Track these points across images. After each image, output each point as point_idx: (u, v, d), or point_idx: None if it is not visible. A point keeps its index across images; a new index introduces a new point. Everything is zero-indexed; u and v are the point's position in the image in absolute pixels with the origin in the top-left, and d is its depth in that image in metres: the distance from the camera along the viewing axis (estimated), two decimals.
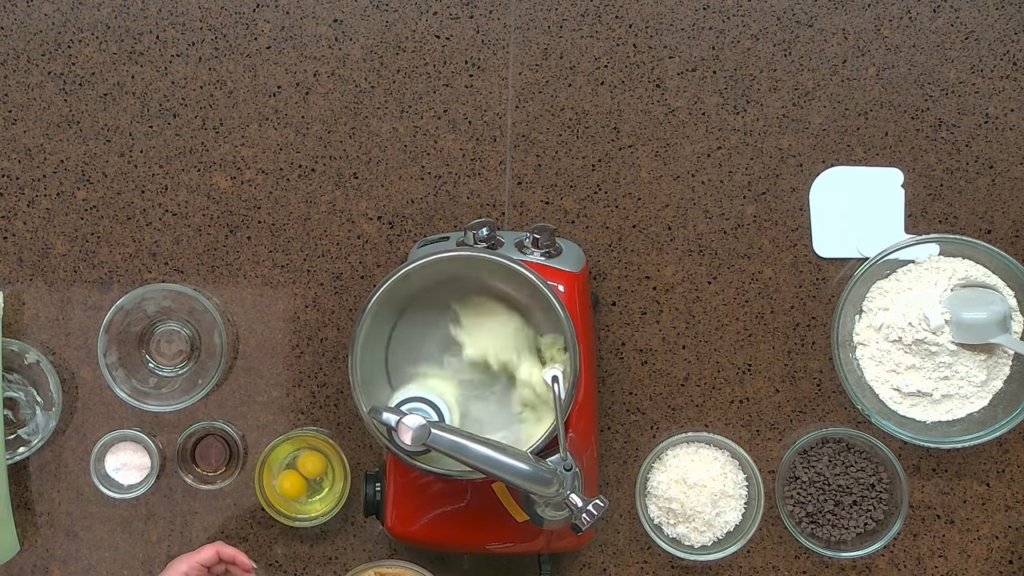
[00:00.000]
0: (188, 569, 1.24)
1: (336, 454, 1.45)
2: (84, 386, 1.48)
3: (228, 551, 1.26)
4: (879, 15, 1.49)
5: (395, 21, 1.49)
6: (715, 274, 1.49)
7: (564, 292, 1.32)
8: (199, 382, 1.45)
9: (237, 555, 1.26)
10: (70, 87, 1.49)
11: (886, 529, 1.44)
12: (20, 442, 1.47)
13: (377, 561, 1.39)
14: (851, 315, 1.45)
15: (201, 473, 1.48)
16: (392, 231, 1.49)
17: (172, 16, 1.49)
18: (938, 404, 1.43)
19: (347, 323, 1.49)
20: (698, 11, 1.49)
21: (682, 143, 1.49)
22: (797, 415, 1.49)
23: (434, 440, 1.19)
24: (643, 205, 1.49)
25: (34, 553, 1.48)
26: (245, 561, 1.27)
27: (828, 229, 1.49)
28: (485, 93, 1.49)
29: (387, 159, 1.49)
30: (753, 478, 1.45)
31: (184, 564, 1.24)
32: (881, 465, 1.45)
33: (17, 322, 1.48)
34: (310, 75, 1.49)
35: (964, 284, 1.43)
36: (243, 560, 1.27)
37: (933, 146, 1.49)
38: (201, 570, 1.25)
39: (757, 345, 1.49)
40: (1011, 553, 1.48)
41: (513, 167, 1.49)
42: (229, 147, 1.49)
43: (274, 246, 1.49)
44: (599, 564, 1.48)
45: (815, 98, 1.49)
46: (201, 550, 1.25)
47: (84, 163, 1.49)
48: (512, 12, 1.49)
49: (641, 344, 1.49)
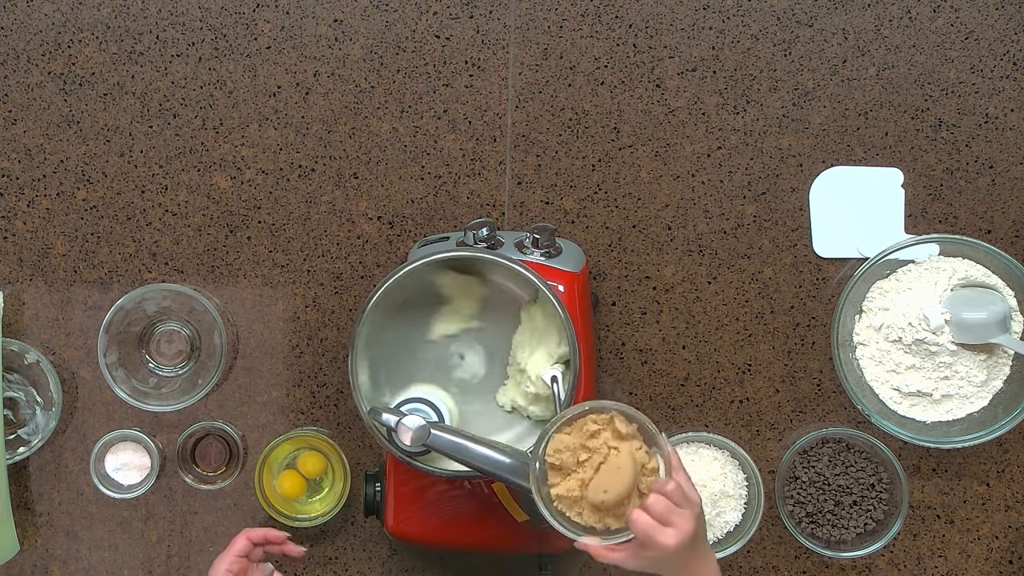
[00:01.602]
0: (229, 566, 1.23)
1: (336, 454, 1.45)
2: (84, 386, 1.48)
3: (257, 533, 1.25)
4: (879, 15, 1.49)
5: (395, 21, 1.49)
6: (715, 274, 1.49)
7: (564, 292, 1.32)
8: (199, 382, 1.45)
9: (268, 532, 1.25)
10: (70, 87, 1.49)
11: (886, 529, 1.44)
12: (20, 442, 1.47)
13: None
14: (851, 315, 1.45)
15: (201, 473, 1.48)
16: (392, 231, 1.49)
17: (172, 16, 1.49)
18: (938, 404, 1.43)
19: (347, 323, 1.49)
20: (698, 11, 1.49)
21: (682, 143, 1.49)
22: (797, 415, 1.49)
23: (434, 440, 1.19)
24: (643, 205, 1.49)
25: (34, 553, 1.48)
26: (277, 534, 1.26)
27: (828, 229, 1.49)
28: (485, 93, 1.49)
29: (387, 159, 1.49)
30: (753, 478, 1.45)
31: (224, 563, 1.23)
32: (881, 465, 1.45)
33: (17, 322, 1.48)
34: (310, 75, 1.49)
35: (964, 284, 1.43)
36: (275, 534, 1.25)
37: (933, 146, 1.49)
38: (241, 561, 1.24)
39: (757, 345, 1.49)
40: (1011, 553, 1.48)
41: (513, 167, 1.49)
42: (229, 147, 1.49)
43: (274, 246, 1.49)
44: (599, 564, 1.48)
45: (815, 98, 1.49)
46: (233, 543, 1.24)
47: (84, 163, 1.49)
48: (512, 12, 1.49)
49: (641, 344, 1.49)
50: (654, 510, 1.13)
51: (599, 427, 1.16)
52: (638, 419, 1.16)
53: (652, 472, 1.16)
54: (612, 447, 1.15)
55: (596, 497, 1.14)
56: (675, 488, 1.13)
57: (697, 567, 1.17)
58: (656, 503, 1.13)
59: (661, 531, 1.12)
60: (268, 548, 1.26)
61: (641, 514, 1.13)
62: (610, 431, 1.16)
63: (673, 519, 1.12)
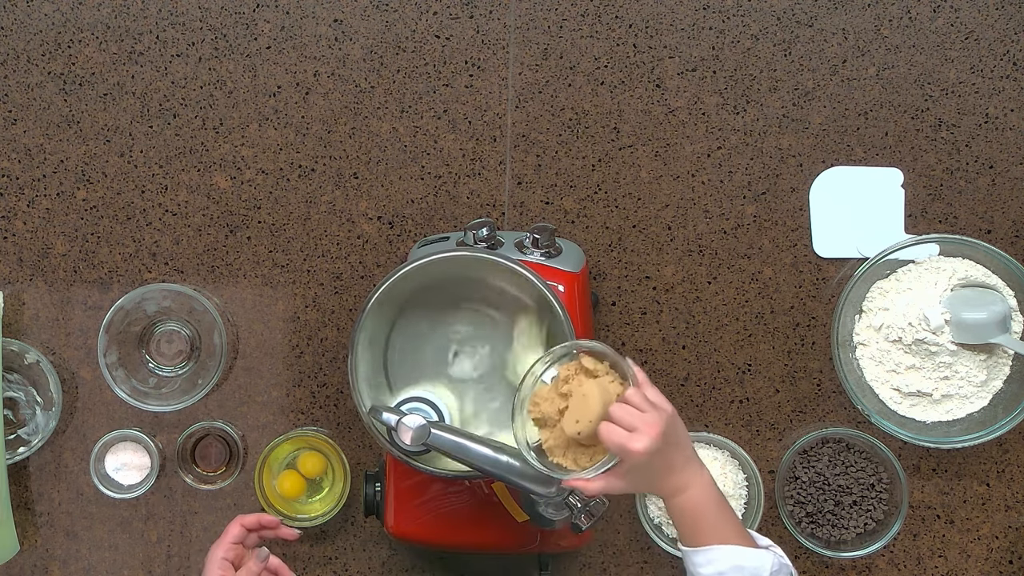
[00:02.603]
0: (224, 553, 1.23)
1: (336, 454, 1.45)
2: (84, 386, 1.48)
3: (250, 519, 1.26)
4: (879, 15, 1.49)
5: (395, 21, 1.49)
6: (715, 274, 1.49)
7: (564, 292, 1.32)
8: (199, 382, 1.45)
9: (261, 517, 1.26)
10: (70, 87, 1.49)
11: (886, 529, 1.44)
12: (20, 442, 1.47)
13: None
14: (851, 315, 1.45)
15: (201, 473, 1.48)
16: (392, 231, 1.49)
17: (172, 16, 1.49)
18: (938, 404, 1.43)
19: (347, 323, 1.49)
20: (698, 11, 1.49)
21: (682, 143, 1.49)
22: (797, 415, 1.49)
23: (434, 440, 1.19)
24: (643, 205, 1.49)
25: (34, 553, 1.48)
26: (271, 519, 1.26)
27: (828, 229, 1.49)
28: (485, 93, 1.49)
29: (387, 159, 1.49)
30: (753, 478, 1.45)
31: (219, 550, 1.23)
32: (881, 465, 1.45)
33: (17, 322, 1.48)
34: (310, 75, 1.49)
35: (964, 284, 1.43)
36: (268, 519, 1.26)
37: (933, 146, 1.49)
38: (237, 548, 1.25)
39: (757, 345, 1.49)
40: (1011, 553, 1.48)
41: (513, 167, 1.49)
42: (229, 147, 1.49)
43: (274, 246, 1.49)
44: (599, 564, 1.48)
45: (815, 98, 1.49)
46: (227, 531, 1.24)
47: (84, 163, 1.49)
48: (512, 12, 1.49)
49: (641, 344, 1.49)
50: (620, 419, 1.13)
51: (569, 372, 1.18)
52: (600, 351, 1.17)
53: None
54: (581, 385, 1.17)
55: (571, 430, 1.15)
56: (634, 393, 1.14)
57: (683, 477, 1.16)
58: (620, 412, 1.13)
59: (629, 438, 1.12)
60: (263, 533, 1.27)
61: (608, 425, 1.13)
62: (581, 373, 1.17)
63: (638, 425, 1.12)
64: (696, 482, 1.17)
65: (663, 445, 1.13)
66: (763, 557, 1.16)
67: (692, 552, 1.17)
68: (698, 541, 1.17)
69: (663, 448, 1.13)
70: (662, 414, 1.14)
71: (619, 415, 1.13)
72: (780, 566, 1.17)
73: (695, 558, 1.16)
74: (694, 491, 1.17)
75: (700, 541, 1.17)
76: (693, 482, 1.17)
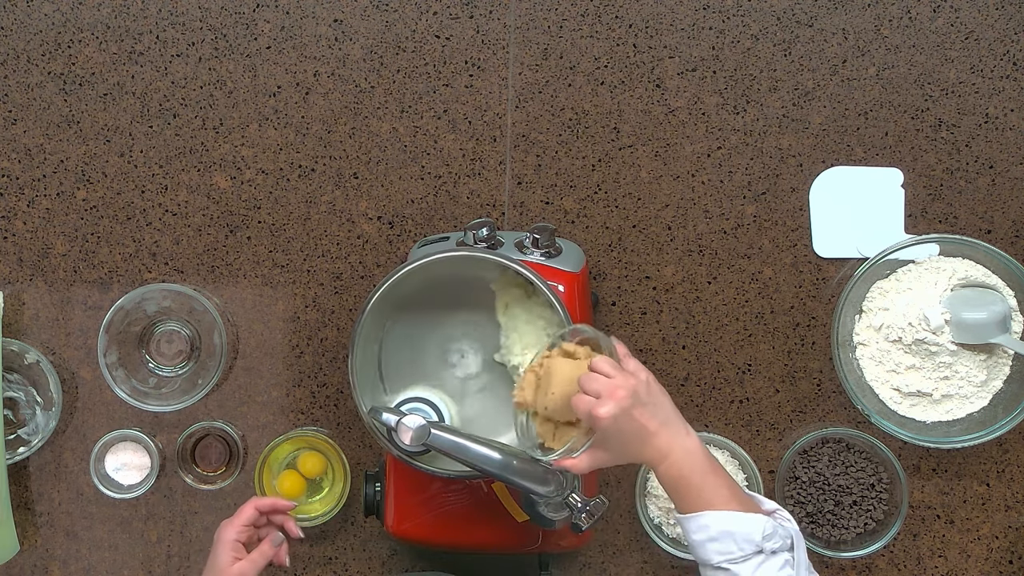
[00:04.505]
0: (237, 535, 1.23)
1: (336, 454, 1.45)
2: (84, 386, 1.48)
3: (265, 502, 1.25)
4: (879, 15, 1.49)
5: (395, 21, 1.49)
6: (715, 274, 1.49)
7: (564, 292, 1.32)
8: (199, 382, 1.45)
9: (276, 502, 1.26)
10: (70, 87, 1.49)
11: (886, 529, 1.44)
12: (20, 442, 1.47)
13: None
14: (851, 315, 1.45)
15: (201, 473, 1.48)
16: (392, 231, 1.49)
17: (172, 16, 1.49)
18: (938, 404, 1.43)
19: (347, 323, 1.49)
20: (698, 11, 1.49)
21: (682, 143, 1.49)
22: (797, 415, 1.49)
23: (434, 440, 1.19)
24: (643, 205, 1.49)
25: (34, 553, 1.48)
26: (285, 503, 1.26)
27: (828, 229, 1.49)
28: (485, 93, 1.49)
29: (387, 159, 1.49)
30: (753, 478, 1.45)
31: (232, 531, 1.23)
32: (881, 465, 1.45)
33: (17, 322, 1.48)
34: (310, 75, 1.49)
35: (964, 284, 1.43)
36: (282, 503, 1.26)
37: (933, 146, 1.49)
38: (249, 530, 1.24)
39: (757, 345, 1.49)
40: (1011, 553, 1.48)
41: (513, 167, 1.49)
42: (229, 147, 1.49)
43: (274, 246, 1.49)
44: (599, 564, 1.48)
45: (815, 98, 1.49)
46: (241, 512, 1.24)
47: (84, 163, 1.49)
48: (512, 12, 1.49)
49: (641, 344, 1.49)
50: (589, 387, 1.14)
51: (549, 356, 1.19)
52: (580, 330, 1.18)
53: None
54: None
55: (540, 406, 1.17)
56: (601, 360, 1.14)
57: (662, 441, 1.15)
58: (587, 380, 1.14)
59: (594, 404, 1.12)
60: (274, 517, 1.27)
61: (579, 396, 1.14)
62: (560, 355, 1.18)
63: (602, 391, 1.13)
64: (677, 445, 1.15)
65: (632, 408, 1.13)
66: (755, 521, 1.13)
67: (685, 519, 1.15)
68: (689, 507, 1.15)
69: (633, 411, 1.13)
70: (628, 378, 1.14)
71: (585, 383, 1.14)
72: (775, 529, 1.14)
73: (688, 524, 1.15)
74: (676, 455, 1.15)
75: (691, 507, 1.15)
76: (674, 445, 1.15)
